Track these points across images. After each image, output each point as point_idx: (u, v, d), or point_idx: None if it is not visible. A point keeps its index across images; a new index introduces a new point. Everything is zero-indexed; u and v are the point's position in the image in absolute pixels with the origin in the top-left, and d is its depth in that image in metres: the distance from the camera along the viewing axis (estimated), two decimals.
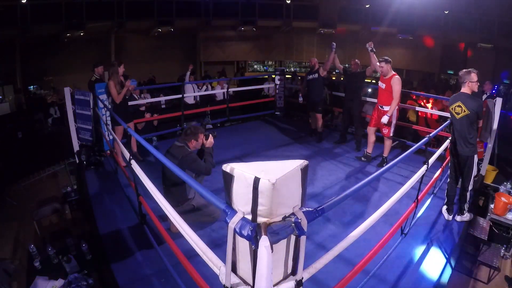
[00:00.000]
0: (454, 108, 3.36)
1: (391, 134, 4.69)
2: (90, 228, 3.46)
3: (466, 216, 3.59)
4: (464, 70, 3.36)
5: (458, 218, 3.60)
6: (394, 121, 4.61)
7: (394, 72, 4.49)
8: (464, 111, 3.29)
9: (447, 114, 4.01)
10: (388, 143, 4.81)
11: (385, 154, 4.88)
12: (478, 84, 3.34)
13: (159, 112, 6.92)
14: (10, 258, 3.71)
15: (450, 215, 3.56)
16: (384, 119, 4.52)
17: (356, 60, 5.41)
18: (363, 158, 5.07)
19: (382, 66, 4.48)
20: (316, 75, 5.56)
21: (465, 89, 3.32)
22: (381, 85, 4.59)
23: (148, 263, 2.79)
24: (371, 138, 4.96)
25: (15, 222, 4.76)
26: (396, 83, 4.38)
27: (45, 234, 3.57)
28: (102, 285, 2.69)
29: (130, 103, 5.63)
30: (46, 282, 2.62)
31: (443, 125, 3.61)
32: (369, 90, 7.73)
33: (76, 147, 5.09)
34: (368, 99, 6.01)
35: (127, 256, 2.91)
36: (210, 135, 3.28)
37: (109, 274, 2.70)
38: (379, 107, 4.68)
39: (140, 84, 11.34)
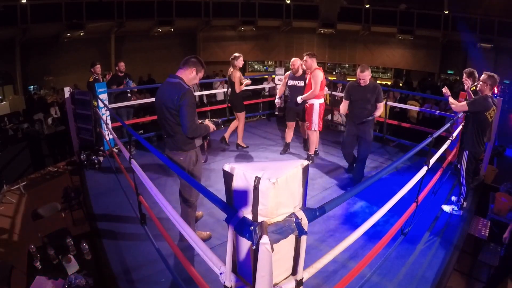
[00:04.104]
0: (490, 113, 3.45)
1: (313, 129, 4.67)
2: (90, 228, 3.46)
3: None
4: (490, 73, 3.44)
5: (465, 204, 3.69)
6: (316, 116, 4.61)
7: (317, 66, 4.56)
8: (494, 111, 3.46)
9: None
10: (312, 138, 4.78)
11: (311, 151, 4.88)
12: None
13: None
14: (10, 258, 3.71)
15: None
16: (298, 99, 4.59)
17: (367, 70, 3.91)
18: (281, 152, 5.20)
19: (307, 60, 4.51)
20: (302, 82, 4.76)
21: (489, 93, 3.43)
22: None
23: (148, 263, 2.79)
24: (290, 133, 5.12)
25: (15, 222, 4.75)
26: (317, 75, 4.47)
27: (45, 234, 3.56)
28: (102, 285, 2.68)
29: (129, 102, 5.65)
30: (46, 282, 2.61)
31: (445, 126, 3.60)
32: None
33: (76, 147, 5.09)
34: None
35: (127, 256, 2.91)
36: (219, 123, 2.97)
37: (109, 274, 2.70)
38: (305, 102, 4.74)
39: (140, 83, 11.37)
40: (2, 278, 3.06)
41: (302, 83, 4.75)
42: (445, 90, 3.86)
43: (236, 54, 4.97)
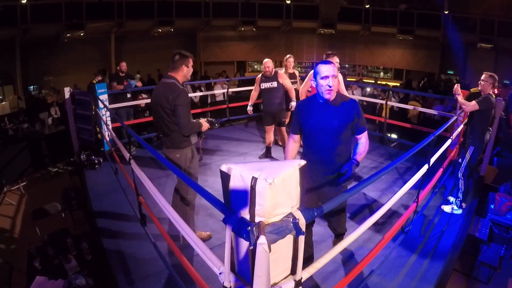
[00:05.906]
0: (494, 109, 3.67)
1: None
2: (90, 228, 3.46)
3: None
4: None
5: (464, 205, 3.71)
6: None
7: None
8: None
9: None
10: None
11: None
12: None
13: None
14: (10, 258, 3.72)
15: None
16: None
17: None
18: None
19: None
20: (275, 83, 4.54)
21: (490, 91, 3.55)
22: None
23: (148, 263, 2.79)
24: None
25: (15, 222, 4.76)
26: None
27: (45, 234, 3.57)
28: (102, 285, 2.69)
29: (129, 103, 5.65)
30: (46, 282, 2.62)
31: (445, 124, 3.60)
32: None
33: (76, 147, 5.09)
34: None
35: (127, 256, 2.91)
36: (213, 122, 3.00)
37: (109, 274, 2.71)
38: None
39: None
40: (2, 278, 3.07)
41: (275, 84, 4.54)
42: (456, 87, 3.80)
43: (287, 56, 5.46)
